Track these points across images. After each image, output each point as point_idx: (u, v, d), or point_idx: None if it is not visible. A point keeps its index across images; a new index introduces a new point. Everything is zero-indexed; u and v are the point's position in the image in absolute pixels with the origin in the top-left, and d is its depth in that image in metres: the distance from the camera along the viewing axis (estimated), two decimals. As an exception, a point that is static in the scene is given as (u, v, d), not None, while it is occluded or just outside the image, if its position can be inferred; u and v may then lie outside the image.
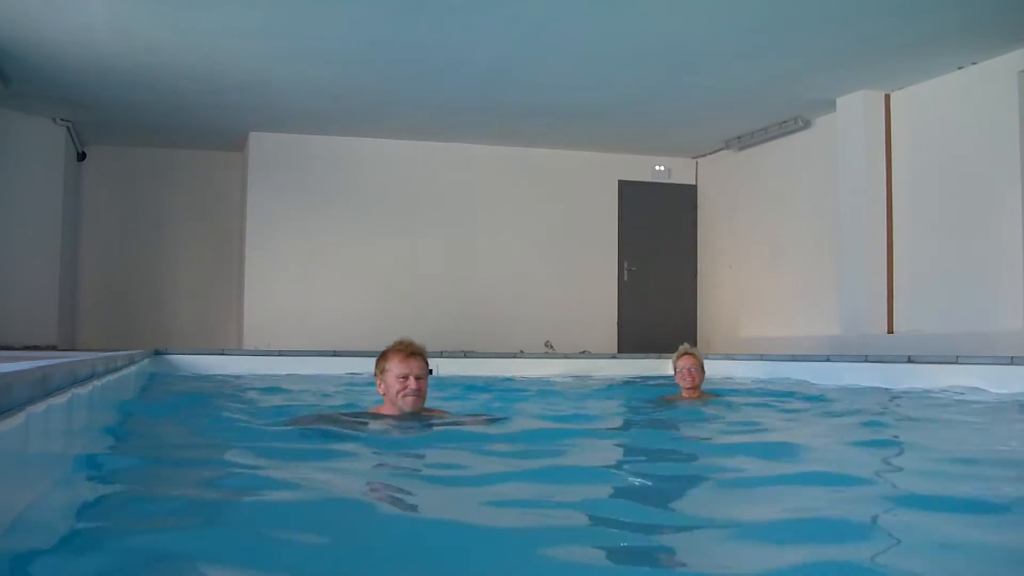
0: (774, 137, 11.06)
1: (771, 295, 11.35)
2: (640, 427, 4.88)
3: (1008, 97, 8.06)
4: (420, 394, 3.98)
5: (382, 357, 4.08)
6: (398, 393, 3.95)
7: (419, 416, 4.00)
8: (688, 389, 5.92)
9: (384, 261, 11.89)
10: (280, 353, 9.15)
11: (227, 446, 3.44)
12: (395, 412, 3.99)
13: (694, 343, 12.66)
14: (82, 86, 9.41)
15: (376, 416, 4.06)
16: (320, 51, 8.37)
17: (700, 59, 8.54)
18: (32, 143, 10.68)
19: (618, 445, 3.95)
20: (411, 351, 4.03)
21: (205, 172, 12.63)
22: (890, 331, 9.36)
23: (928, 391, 6.56)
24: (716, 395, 6.19)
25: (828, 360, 8.23)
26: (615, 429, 4.64)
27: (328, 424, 3.89)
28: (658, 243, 12.84)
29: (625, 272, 12.71)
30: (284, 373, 8.42)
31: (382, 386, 4.04)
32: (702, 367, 5.97)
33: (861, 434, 4.22)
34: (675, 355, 6.06)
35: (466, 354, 9.49)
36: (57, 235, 10.97)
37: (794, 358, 8.55)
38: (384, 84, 9.46)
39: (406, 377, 3.95)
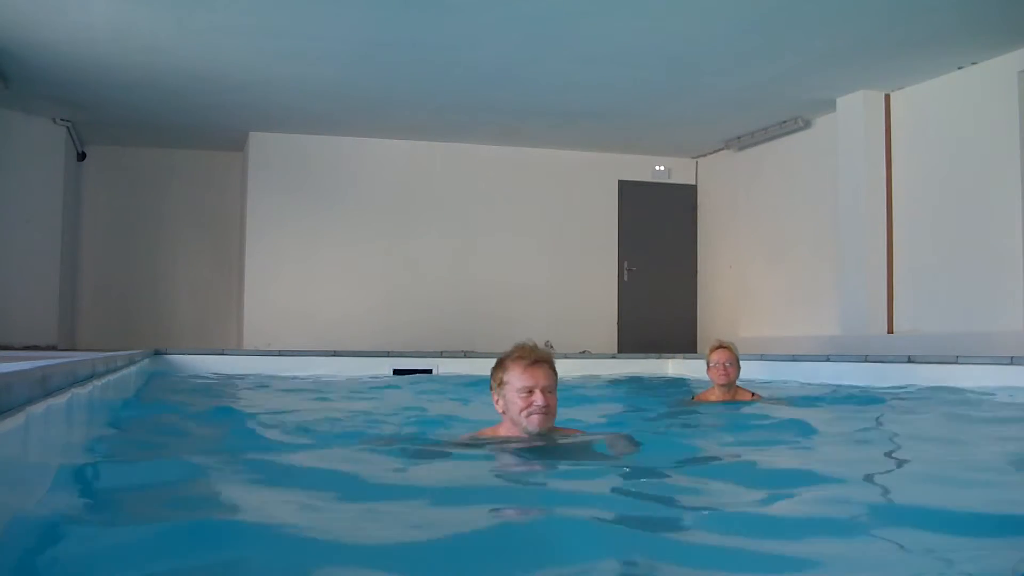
0: (774, 137, 11.06)
1: (771, 295, 11.35)
2: (673, 432, 4.53)
3: (1008, 97, 8.06)
4: (550, 411, 3.29)
5: (499, 367, 3.39)
6: (522, 411, 3.26)
7: (549, 436, 3.32)
8: (722, 386, 5.64)
9: (384, 261, 11.89)
10: (280, 353, 9.15)
11: (242, 455, 3.36)
12: (517, 433, 3.32)
13: (694, 343, 12.67)
14: (82, 86, 9.41)
15: (496, 440, 3.38)
16: (320, 51, 8.37)
17: (700, 59, 8.54)
18: (32, 143, 10.68)
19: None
20: (536, 358, 3.32)
21: (205, 172, 12.63)
22: (890, 331, 9.36)
23: (939, 391, 6.52)
24: (751, 392, 5.85)
25: (828, 360, 8.23)
26: (652, 432, 4.32)
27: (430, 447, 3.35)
28: (658, 243, 12.83)
29: (625, 272, 12.70)
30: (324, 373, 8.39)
31: (500, 402, 3.35)
32: (737, 361, 5.67)
33: (898, 440, 4.10)
34: (709, 348, 5.75)
35: (466, 354, 9.49)
36: (57, 235, 10.97)
37: (794, 358, 8.55)
38: (384, 84, 9.46)
39: (530, 391, 3.27)
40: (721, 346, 5.70)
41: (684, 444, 3.79)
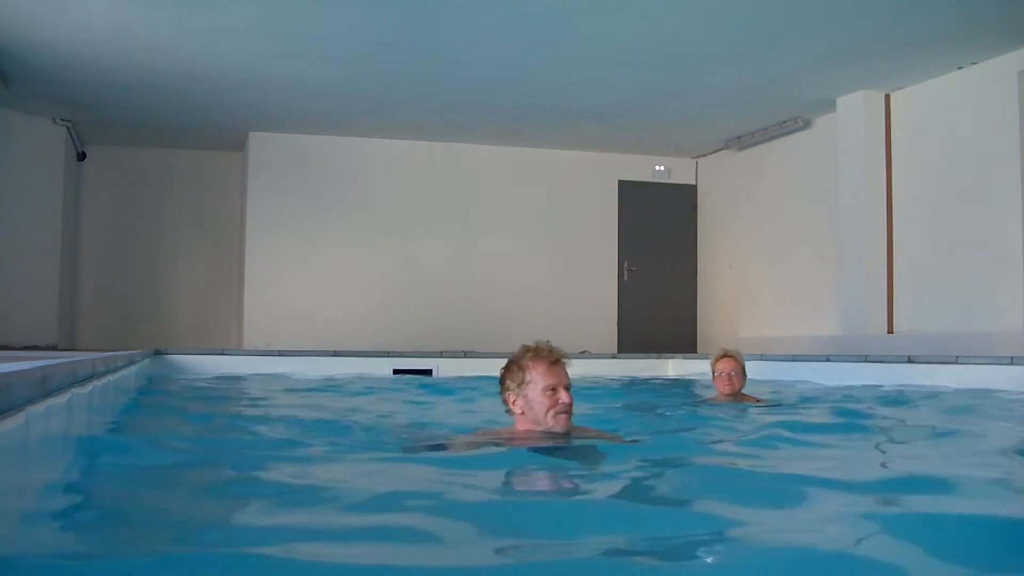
0: (774, 137, 11.06)
1: (771, 295, 11.35)
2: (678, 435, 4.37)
3: (1008, 97, 8.06)
4: (572, 409, 3.32)
5: (515, 367, 3.34)
6: (548, 411, 3.26)
7: (567, 435, 3.32)
8: (727, 396, 5.46)
9: (384, 261, 11.89)
10: (280, 353, 9.15)
11: (254, 457, 3.32)
12: (535, 433, 3.30)
13: (694, 343, 12.67)
14: (82, 86, 9.41)
15: (515, 438, 3.31)
16: (320, 51, 8.37)
17: (700, 59, 8.54)
18: (32, 143, 10.68)
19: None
20: (557, 357, 3.32)
21: (205, 172, 12.63)
22: (890, 331, 9.36)
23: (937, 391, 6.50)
24: (756, 398, 5.67)
25: (828, 360, 8.23)
26: (653, 436, 4.18)
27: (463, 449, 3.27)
28: (658, 243, 12.83)
29: (625, 272, 12.70)
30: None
31: (518, 402, 3.31)
32: (743, 370, 5.47)
33: (900, 442, 3.99)
34: (713, 357, 5.54)
35: (466, 354, 9.49)
36: (57, 235, 10.97)
37: (794, 358, 8.54)
38: (384, 84, 9.46)
39: (555, 389, 3.27)
40: (726, 355, 5.48)
41: (695, 448, 3.72)
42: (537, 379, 3.26)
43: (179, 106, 10.25)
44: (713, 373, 5.53)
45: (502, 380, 3.38)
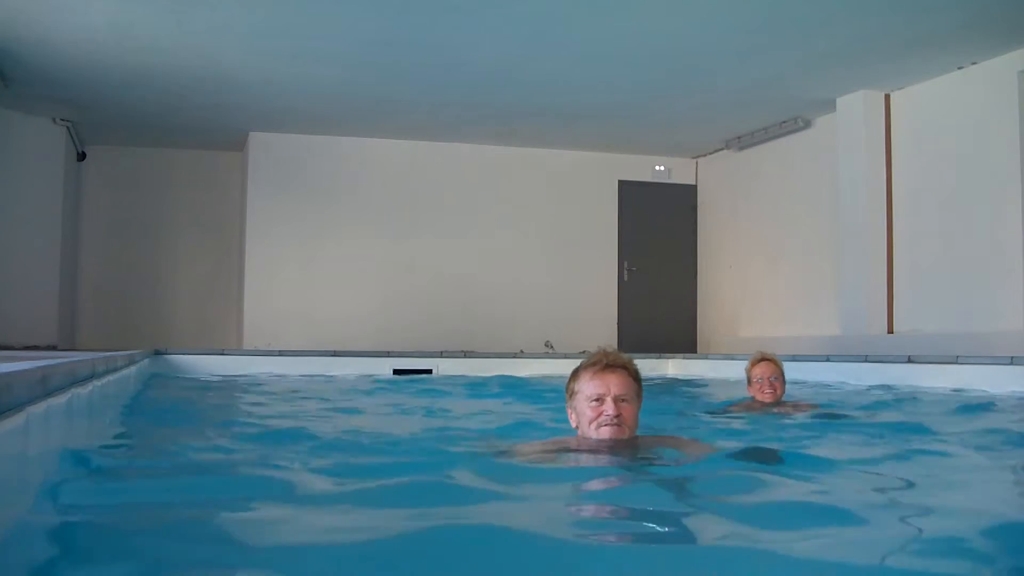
0: (774, 137, 11.06)
1: (771, 295, 11.34)
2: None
3: (1008, 97, 8.06)
4: (624, 422, 2.93)
5: (572, 375, 3.06)
6: (591, 423, 2.94)
7: (623, 451, 2.95)
8: (766, 405, 4.84)
9: (384, 261, 11.89)
10: (280, 353, 9.15)
11: (251, 455, 3.34)
12: (590, 448, 2.97)
13: (694, 343, 12.66)
14: (82, 86, 9.41)
15: (564, 450, 3.02)
16: (320, 51, 8.37)
17: (700, 59, 8.54)
18: (32, 143, 10.68)
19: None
20: (608, 363, 2.97)
21: (205, 172, 12.63)
22: (890, 331, 9.36)
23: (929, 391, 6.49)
24: (796, 405, 5.00)
25: (828, 360, 8.22)
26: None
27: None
28: (658, 243, 12.83)
29: (625, 272, 12.70)
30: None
31: (573, 415, 3.03)
32: (783, 376, 4.89)
33: (925, 445, 3.82)
34: (749, 361, 4.96)
35: (466, 354, 9.49)
36: (57, 235, 10.97)
37: (794, 358, 8.51)
38: (384, 84, 9.46)
39: (600, 399, 2.93)
40: (764, 358, 4.93)
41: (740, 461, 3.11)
42: (583, 388, 2.97)
43: (179, 106, 10.25)
44: (749, 380, 4.93)
45: (565, 389, 3.12)
